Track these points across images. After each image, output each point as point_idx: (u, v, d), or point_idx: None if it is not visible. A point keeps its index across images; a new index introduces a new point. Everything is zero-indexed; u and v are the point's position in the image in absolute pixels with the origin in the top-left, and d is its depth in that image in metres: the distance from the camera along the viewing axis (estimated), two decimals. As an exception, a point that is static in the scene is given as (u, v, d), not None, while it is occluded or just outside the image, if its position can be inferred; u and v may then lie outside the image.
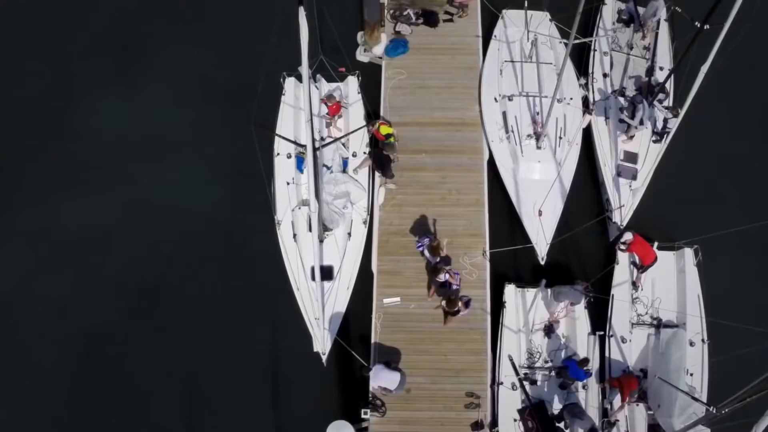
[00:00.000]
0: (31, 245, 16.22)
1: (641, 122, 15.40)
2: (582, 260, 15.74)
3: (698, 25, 13.58)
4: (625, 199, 15.37)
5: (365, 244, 14.99)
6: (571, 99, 16.22)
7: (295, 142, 14.87)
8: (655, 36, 17.49)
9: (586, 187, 16.26)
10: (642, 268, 14.63)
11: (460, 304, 13.84)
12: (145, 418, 14.54)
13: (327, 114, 15.60)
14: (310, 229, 14.41)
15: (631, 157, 15.87)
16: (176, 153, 17.14)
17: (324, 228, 14.52)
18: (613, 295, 14.42)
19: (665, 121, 15.51)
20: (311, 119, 11.82)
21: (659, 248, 14.90)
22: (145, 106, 17.69)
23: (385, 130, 15.09)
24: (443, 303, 13.93)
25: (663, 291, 14.77)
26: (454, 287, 14.10)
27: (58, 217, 16.45)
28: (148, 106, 17.70)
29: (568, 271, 15.44)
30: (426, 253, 14.57)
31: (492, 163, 15.95)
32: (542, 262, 14.72)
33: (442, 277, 13.99)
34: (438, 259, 14.13)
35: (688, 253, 14.83)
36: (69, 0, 19.20)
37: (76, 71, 18.21)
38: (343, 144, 15.63)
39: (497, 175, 15.82)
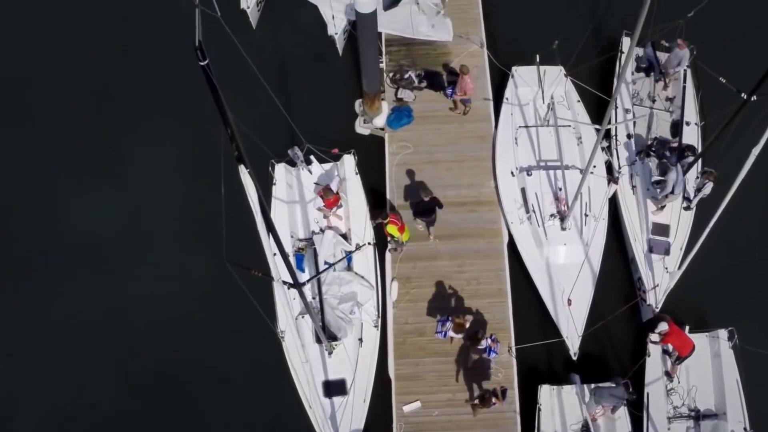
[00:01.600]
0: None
1: (673, 191, 14.98)
2: (614, 346, 15.55)
3: (744, 97, 13.14)
4: (658, 278, 15.16)
5: (379, 345, 14.67)
6: (594, 167, 15.69)
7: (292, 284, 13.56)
8: (678, 86, 17.14)
9: (616, 265, 16.05)
10: (678, 359, 14.37)
11: (494, 399, 13.57)
12: None
13: (324, 206, 15.26)
14: (318, 341, 13.97)
15: (663, 229, 15.68)
16: (160, 245, 16.68)
17: (331, 338, 14.12)
18: (648, 393, 14.16)
19: (700, 188, 15.04)
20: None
21: (690, 331, 14.62)
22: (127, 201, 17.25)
23: (392, 230, 14.65)
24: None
25: (699, 378, 14.56)
26: (494, 355, 13.98)
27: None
28: (131, 200, 17.26)
29: (601, 362, 15.24)
30: (451, 334, 14.32)
31: (512, 245, 15.71)
32: (574, 357, 14.49)
33: (484, 343, 13.85)
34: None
35: (723, 335, 14.62)
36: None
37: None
38: (344, 236, 15.30)
39: (518, 257, 15.59)
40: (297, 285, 11.35)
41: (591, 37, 18.15)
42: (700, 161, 16.09)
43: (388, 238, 15.11)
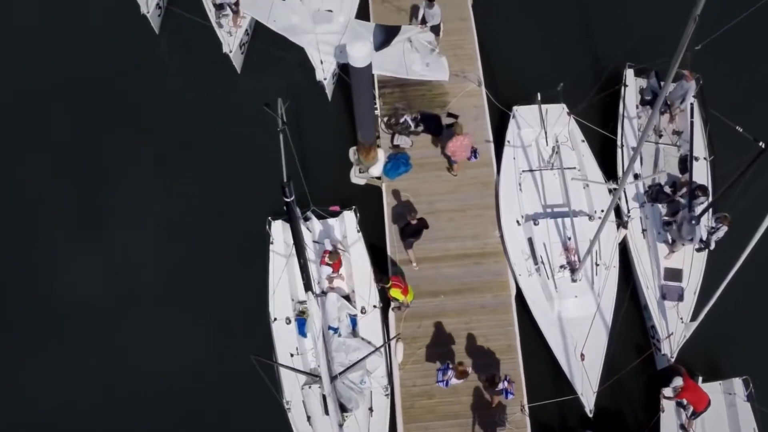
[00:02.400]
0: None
1: (689, 238, 14.90)
2: (629, 399, 15.45)
3: (762, 146, 13.18)
4: (672, 326, 15.16)
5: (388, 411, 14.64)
6: (602, 212, 15.71)
7: (307, 373, 14.07)
8: (684, 118, 17.04)
9: (628, 313, 15.69)
10: (694, 414, 14.38)
11: None
12: None
13: (332, 272, 15.06)
14: (326, 412, 13.68)
15: (675, 274, 15.68)
16: (149, 311, 16.27)
17: (341, 409, 13.82)
18: None
19: (713, 230, 14.93)
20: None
21: (704, 381, 14.64)
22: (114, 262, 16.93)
23: (396, 293, 14.49)
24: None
25: (714, 430, 14.48)
26: (511, 396, 13.96)
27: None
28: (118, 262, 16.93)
29: (617, 417, 15.22)
30: (454, 381, 14.27)
31: (520, 296, 15.63)
32: (590, 415, 14.38)
33: (501, 385, 13.87)
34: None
35: (738, 384, 14.64)
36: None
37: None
38: (348, 298, 15.15)
39: (527, 309, 15.50)
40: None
41: (592, 71, 18.36)
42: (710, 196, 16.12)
43: (392, 300, 15.01)
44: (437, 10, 17.29)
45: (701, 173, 16.54)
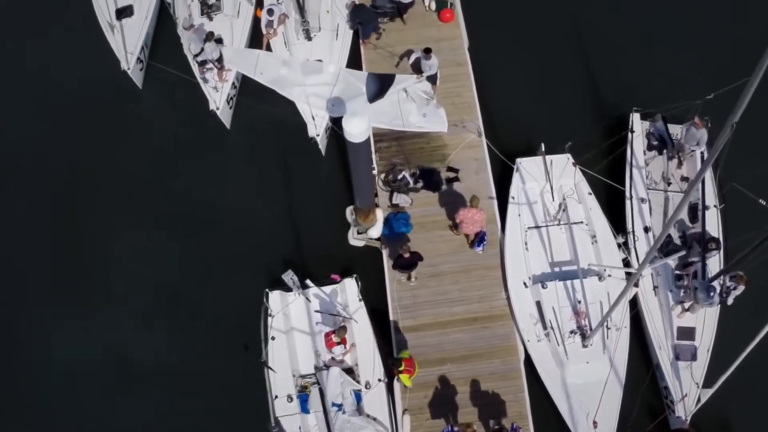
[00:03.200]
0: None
1: (706, 304, 14.80)
2: None
3: None
4: (686, 387, 15.13)
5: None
6: (612, 269, 15.50)
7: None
8: (693, 164, 17.02)
9: (640, 373, 15.73)
10: None
11: None
12: None
13: (344, 353, 14.90)
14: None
15: (688, 333, 15.70)
16: (140, 392, 15.97)
17: (349, 492, 13.65)
18: None
19: (728, 290, 14.81)
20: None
21: None
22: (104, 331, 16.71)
23: (405, 379, 14.31)
24: None
25: None
26: None
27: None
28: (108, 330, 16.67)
29: None
30: None
31: (529, 360, 15.50)
32: None
33: None
34: None
35: None
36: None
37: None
38: (351, 370, 15.03)
39: (535, 374, 15.37)
40: None
41: (596, 116, 18.29)
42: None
43: (397, 377, 14.88)
44: (435, 61, 17.09)
45: (712, 222, 16.55)
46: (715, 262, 16.08)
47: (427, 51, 17.03)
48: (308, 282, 15.62)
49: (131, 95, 18.86)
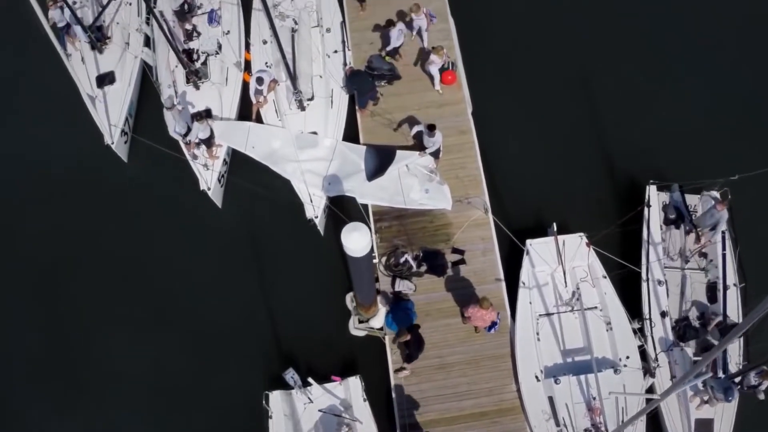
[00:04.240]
0: None
1: (723, 398, 14.44)
2: None
3: None
4: None
5: None
6: (627, 358, 15.38)
7: None
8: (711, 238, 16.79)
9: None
10: None
11: None
12: None
13: None
14: None
15: (706, 425, 15.42)
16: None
17: None
18: None
19: (753, 387, 14.42)
20: None
21: None
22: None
23: None
24: None
25: None
26: None
27: None
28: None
29: None
30: None
31: None
32: None
33: None
34: None
35: None
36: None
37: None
38: None
39: None
40: None
41: (611, 190, 18.00)
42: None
43: None
44: (439, 137, 16.76)
45: (732, 303, 16.19)
46: (734, 348, 15.74)
47: (431, 128, 16.64)
48: (310, 380, 15.37)
49: (116, 171, 18.49)
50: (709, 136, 18.42)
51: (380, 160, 17.05)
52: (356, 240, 12.81)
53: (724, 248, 16.47)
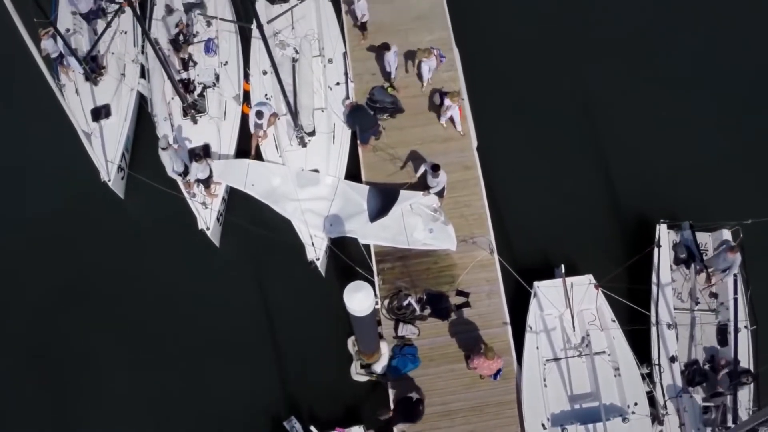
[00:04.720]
0: None
1: None
2: None
3: None
4: None
5: None
6: (636, 405, 15.19)
7: None
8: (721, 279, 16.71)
9: None
10: None
11: None
12: None
13: None
14: None
15: None
16: None
17: None
18: None
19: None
20: None
21: None
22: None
23: None
24: None
25: None
26: None
27: None
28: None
29: None
30: None
31: None
32: None
33: None
34: None
35: None
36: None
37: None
38: None
39: None
40: None
41: (620, 229, 17.76)
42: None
43: None
44: (443, 177, 16.54)
45: (743, 345, 16.06)
46: (745, 394, 15.52)
47: (436, 168, 16.45)
48: (312, 429, 15.23)
49: (113, 208, 18.37)
50: (721, 175, 18.06)
51: (383, 201, 16.93)
52: (360, 300, 12.73)
53: (735, 292, 16.26)
